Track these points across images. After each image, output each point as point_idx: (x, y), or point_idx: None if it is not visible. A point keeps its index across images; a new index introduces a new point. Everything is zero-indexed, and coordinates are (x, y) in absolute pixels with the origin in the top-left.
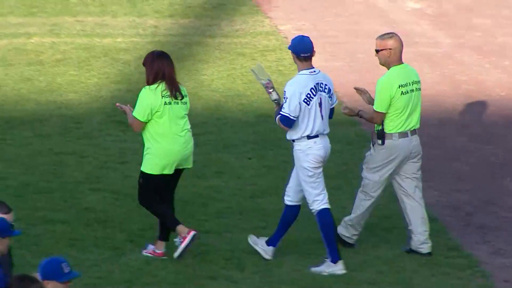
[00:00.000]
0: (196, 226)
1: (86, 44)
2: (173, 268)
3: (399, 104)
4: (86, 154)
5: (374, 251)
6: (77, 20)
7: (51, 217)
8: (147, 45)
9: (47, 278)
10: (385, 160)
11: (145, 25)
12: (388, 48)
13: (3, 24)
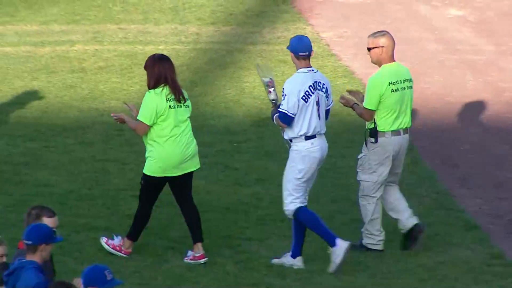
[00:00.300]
0: (237, 233)
1: (129, 51)
2: (215, 275)
3: (389, 102)
4: (127, 161)
5: (416, 259)
6: (119, 27)
7: (94, 224)
8: (189, 52)
9: (90, 285)
10: (381, 159)
11: (187, 32)
12: (380, 46)
13: (46, 32)
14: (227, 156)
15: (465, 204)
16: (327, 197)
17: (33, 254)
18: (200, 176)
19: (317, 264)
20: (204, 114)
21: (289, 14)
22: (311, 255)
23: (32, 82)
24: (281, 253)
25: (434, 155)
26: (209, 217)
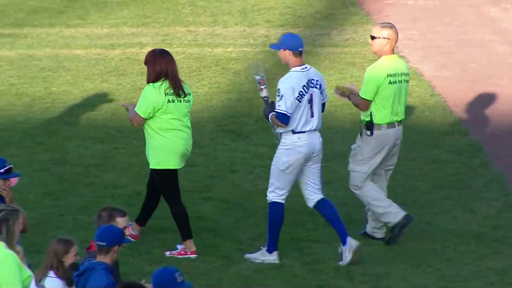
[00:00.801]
0: (305, 236)
1: (198, 54)
2: (283, 277)
3: (386, 93)
4: (196, 163)
5: (485, 262)
6: (188, 30)
7: (162, 225)
8: (257, 54)
9: (160, 286)
10: (374, 151)
11: (255, 35)
12: (386, 37)
13: (116, 34)
14: None
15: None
16: (395, 200)
17: (104, 256)
18: (268, 178)
19: (384, 267)
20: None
21: (358, 16)
22: (378, 257)
23: (102, 84)
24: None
25: (503, 158)
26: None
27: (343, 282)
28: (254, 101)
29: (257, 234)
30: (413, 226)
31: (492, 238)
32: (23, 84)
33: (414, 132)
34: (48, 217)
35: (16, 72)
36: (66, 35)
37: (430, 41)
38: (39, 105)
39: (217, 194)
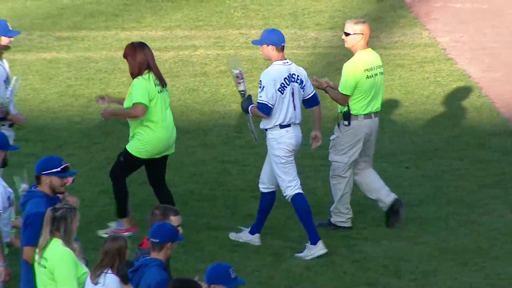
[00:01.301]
0: (354, 234)
1: (249, 56)
2: (332, 274)
3: (364, 87)
4: (248, 162)
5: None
6: (240, 32)
7: (214, 224)
8: (307, 56)
9: (214, 282)
10: (353, 141)
11: (306, 37)
12: (360, 33)
13: (170, 37)
14: None
15: None
16: (442, 199)
17: (158, 252)
18: (318, 178)
19: (432, 265)
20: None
21: (406, 19)
22: (426, 255)
23: None
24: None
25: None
26: (327, 217)
27: (392, 279)
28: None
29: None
30: (460, 225)
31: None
32: (80, 85)
33: (462, 133)
34: (104, 215)
35: (74, 74)
36: (121, 37)
37: (478, 43)
38: (95, 106)
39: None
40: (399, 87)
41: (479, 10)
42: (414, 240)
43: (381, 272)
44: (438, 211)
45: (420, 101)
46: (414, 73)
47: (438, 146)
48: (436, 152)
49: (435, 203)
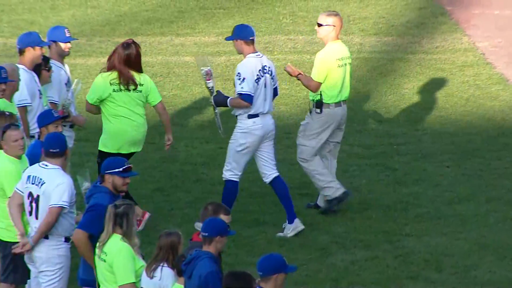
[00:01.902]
0: (397, 229)
1: (297, 60)
2: (376, 268)
3: (335, 76)
4: (294, 161)
5: None
6: (289, 38)
7: (263, 219)
8: (353, 61)
9: (269, 271)
10: (323, 127)
11: (351, 42)
12: (332, 24)
13: (222, 43)
14: (387, 158)
15: None
16: (481, 197)
17: (208, 245)
18: (362, 176)
19: (472, 259)
20: (366, 118)
21: (447, 25)
22: (466, 250)
23: None
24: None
25: None
26: (371, 214)
27: (433, 273)
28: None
29: (352, 228)
30: (498, 222)
31: None
32: None
33: (500, 134)
34: (159, 211)
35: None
36: (176, 43)
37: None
38: (151, 108)
39: (314, 190)
40: (439, 90)
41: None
42: (455, 236)
43: (423, 266)
44: (477, 209)
45: (460, 103)
46: (454, 76)
47: (478, 146)
48: (475, 152)
49: (474, 201)
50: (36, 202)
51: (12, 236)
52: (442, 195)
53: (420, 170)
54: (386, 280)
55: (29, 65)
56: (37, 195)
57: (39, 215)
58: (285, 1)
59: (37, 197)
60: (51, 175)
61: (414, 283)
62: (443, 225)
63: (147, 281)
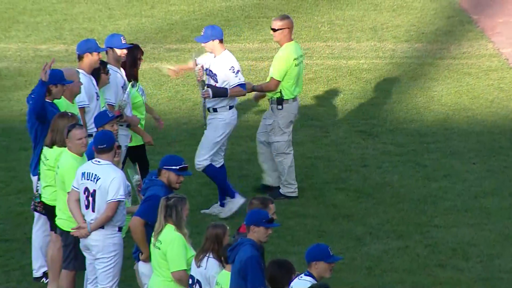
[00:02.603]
0: (427, 221)
1: (334, 65)
2: (407, 257)
3: (293, 74)
4: (332, 158)
5: None
6: (327, 45)
7: (303, 212)
8: (385, 66)
9: (315, 259)
10: (288, 121)
11: (384, 48)
12: (286, 27)
13: (265, 49)
14: (418, 155)
15: None
16: (505, 191)
17: (248, 234)
18: (395, 172)
19: (496, 249)
20: (398, 119)
21: (473, 32)
22: (491, 241)
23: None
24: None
25: None
26: (403, 207)
27: (460, 262)
28: (383, 106)
29: (385, 220)
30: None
31: None
32: (187, 91)
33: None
34: (207, 204)
35: (181, 81)
36: None
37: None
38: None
39: (351, 185)
40: (466, 93)
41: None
42: (480, 227)
43: (450, 255)
44: (501, 202)
45: (485, 105)
46: (480, 80)
47: (502, 145)
48: (500, 150)
49: (499, 195)
50: (92, 196)
51: (73, 226)
52: (469, 189)
53: (448, 166)
54: (416, 268)
55: (87, 69)
56: (93, 190)
57: (96, 209)
58: (323, 10)
59: (93, 192)
60: (105, 171)
61: (443, 271)
62: (470, 217)
63: (195, 269)
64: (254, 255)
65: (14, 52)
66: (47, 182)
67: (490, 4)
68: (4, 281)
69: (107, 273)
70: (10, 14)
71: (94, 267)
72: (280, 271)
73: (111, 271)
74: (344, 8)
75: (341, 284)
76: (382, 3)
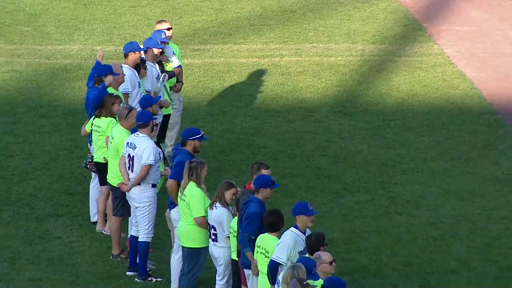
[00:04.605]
0: (387, 180)
1: (318, 61)
2: (373, 207)
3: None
4: (317, 132)
5: None
6: (312, 46)
7: (294, 173)
8: (357, 62)
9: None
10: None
11: (356, 49)
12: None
13: (266, 49)
14: (381, 129)
15: None
16: (447, 157)
17: (257, 194)
18: (364, 142)
19: (441, 199)
20: (367, 102)
21: (423, 37)
22: (436, 194)
23: (257, 80)
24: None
25: None
26: (370, 169)
27: (413, 210)
28: (355, 92)
29: (357, 179)
30: (458, 174)
31: None
32: (206, 81)
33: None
34: (221, 167)
35: (202, 74)
36: (233, 49)
37: (471, 53)
38: (217, 95)
39: (330, 152)
40: (418, 82)
41: (472, 31)
42: (428, 184)
43: (406, 205)
44: (444, 165)
45: (432, 91)
46: (428, 73)
47: (445, 121)
48: (443, 125)
49: (442, 160)
50: (132, 160)
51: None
52: (419, 155)
53: (404, 138)
54: (380, 215)
55: (131, 64)
56: (133, 155)
57: (134, 170)
58: (310, 20)
59: (132, 157)
60: (141, 141)
61: (400, 217)
62: (420, 177)
63: (210, 213)
64: (257, 211)
65: (76, 51)
66: (98, 146)
67: (435, 15)
68: (69, 224)
69: (144, 218)
70: (73, 23)
71: (135, 214)
72: (277, 218)
73: (147, 217)
74: (325, 18)
75: (323, 227)
76: (355, 14)
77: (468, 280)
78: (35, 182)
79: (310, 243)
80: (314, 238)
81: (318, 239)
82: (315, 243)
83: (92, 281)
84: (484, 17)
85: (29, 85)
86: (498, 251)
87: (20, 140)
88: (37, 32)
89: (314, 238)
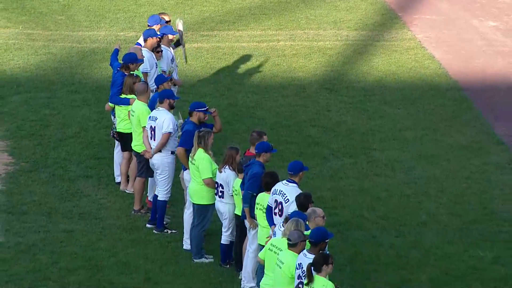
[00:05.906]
0: (368, 146)
1: (309, 45)
2: (356, 169)
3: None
4: (308, 105)
5: None
6: (304, 32)
7: (289, 140)
8: (342, 46)
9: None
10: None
11: (341, 35)
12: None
13: (264, 35)
14: (363, 103)
15: None
16: (419, 126)
17: (259, 157)
18: (348, 114)
19: (413, 163)
20: (350, 79)
21: (398, 24)
22: (409, 158)
23: (258, 61)
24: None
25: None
26: (354, 137)
27: (390, 172)
28: (341, 71)
29: (342, 145)
30: (428, 141)
31: None
32: (214, 62)
33: (429, 89)
34: (226, 136)
35: (210, 56)
36: (237, 35)
37: (439, 38)
38: (222, 74)
39: (320, 123)
40: (394, 63)
41: (440, 20)
42: (402, 150)
43: (384, 168)
44: (416, 134)
45: (406, 71)
46: (403, 55)
47: (417, 96)
48: (416, 100)
49: (415, 129)
50: (154, 131)
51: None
52: (395, 125)
53: (382, 110)
54: (361, 176)
55: (149, 48)
56: (154, 126)
57: (155, 138)
58: (301, 9)
59: (154, 128)
60: (161, 114)
61: (378, 178)
62: (396, 144)
63: (218, 175)
64: (258, 172)
65: (103, 37)
66: (121, 118)
67: (410, 6)
68: (97, 184)
69: (164, 181)
70: (100, 12)
71: (156, 177)
72: (272, 179)
73: (166, 179)
74: (315, 8)
75: (312, 187)
76: (340, 5)
77: (436, 232)
78: (68, 148)
79: (299, 201)
80: (303, 197)
81: (306, 198)
82: (304, 201)
83: (116, 232)
84: (451, 8)
85: (63, 65)
86: (462, 207)
87: (55, 112)
88: (69, 20)
89: (303, 197)
